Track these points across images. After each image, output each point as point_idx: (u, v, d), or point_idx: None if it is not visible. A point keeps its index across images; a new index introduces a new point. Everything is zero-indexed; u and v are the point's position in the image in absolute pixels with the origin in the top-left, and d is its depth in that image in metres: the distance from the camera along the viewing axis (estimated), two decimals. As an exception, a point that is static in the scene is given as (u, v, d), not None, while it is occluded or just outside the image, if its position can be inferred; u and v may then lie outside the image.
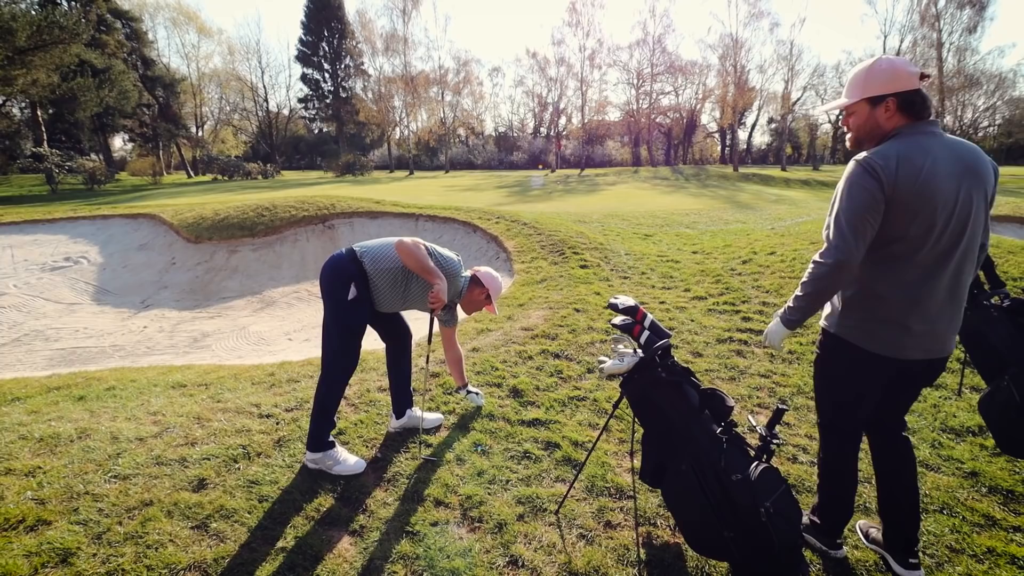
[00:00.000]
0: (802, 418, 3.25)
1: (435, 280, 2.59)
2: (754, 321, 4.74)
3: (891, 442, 2.08)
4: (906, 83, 1.74)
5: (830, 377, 2.06)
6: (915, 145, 1.71)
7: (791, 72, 38.75)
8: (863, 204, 1.69)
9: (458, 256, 2.90)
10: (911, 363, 1.86)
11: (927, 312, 1.79)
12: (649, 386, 2.16)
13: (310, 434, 2.69)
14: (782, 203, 15.35)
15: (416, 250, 2.59)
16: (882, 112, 1.80)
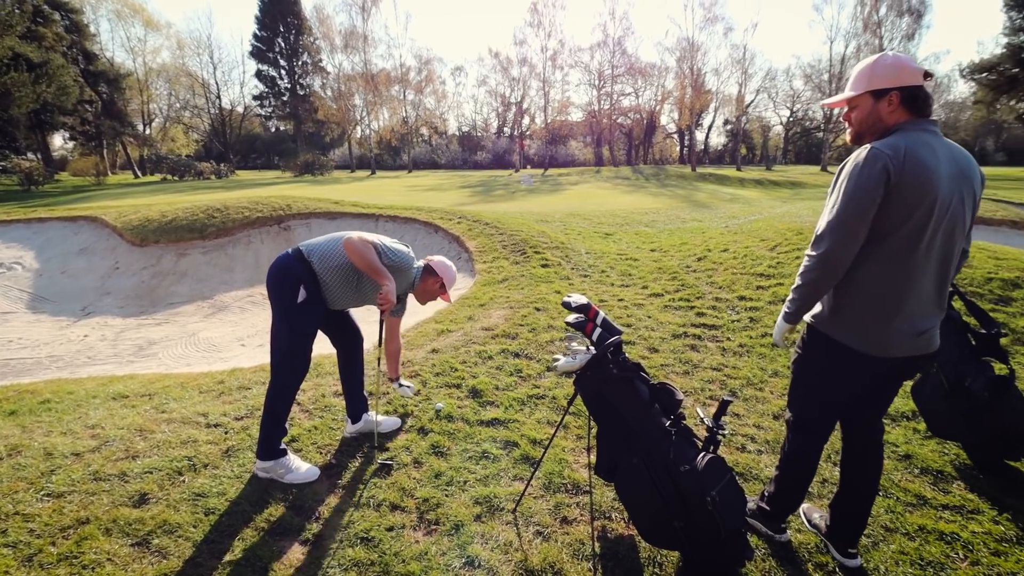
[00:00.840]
0: (751, 408, 3.37)
1: (383, 281, 2.54)
2: (707, 316, 4.88)
3: (866, 447, 2.08)
4: (910, 78, 1.75)
5: (812, 374, 2.04)
6: (920, 141, 1.71)
7: (744, 75, 40.08)
8: (862, 198, 1.68)
9: (408, 247, 2.84)
10: (896, 360, 1.85)
11: (913, 311, 1.79)
12: (601, 382, 2.19)
13: (260, 442, 2.61)
14: (736, 202, 15.86)
15: (364, 249, 2.53)
16: (885, 106, 1.80)
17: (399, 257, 2.71)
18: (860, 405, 2.05)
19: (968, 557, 2.13)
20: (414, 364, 3.90)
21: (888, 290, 1.78)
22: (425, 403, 3.38)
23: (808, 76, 46.35)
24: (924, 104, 1.77)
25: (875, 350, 1.82)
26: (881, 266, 1.77)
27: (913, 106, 1.77)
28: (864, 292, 1.81)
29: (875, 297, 1.79)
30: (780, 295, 5.12)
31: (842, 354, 1.88)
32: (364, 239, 2.59)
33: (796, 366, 2.10)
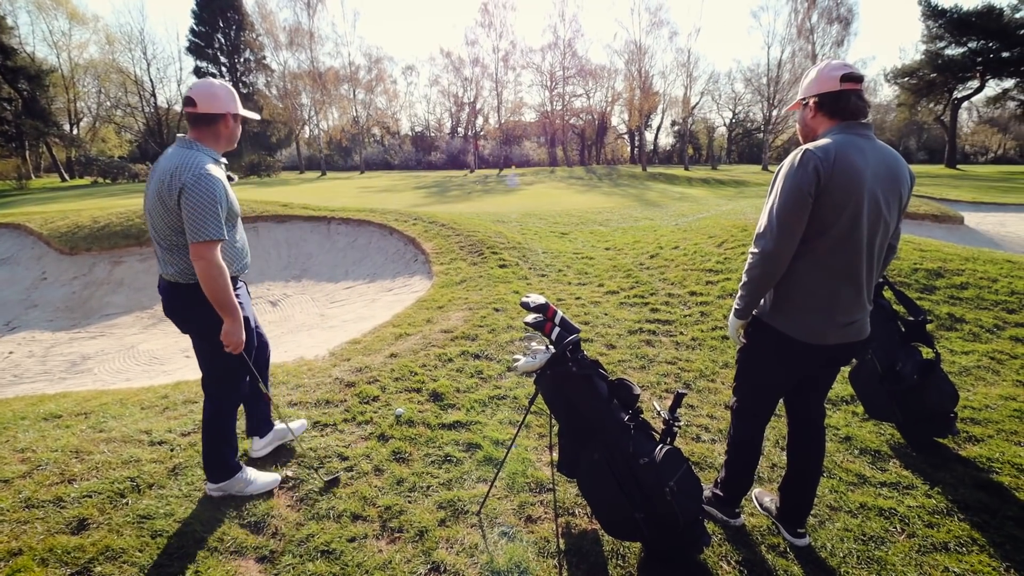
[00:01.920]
0: (704, 399, 3.49)
1: (229, 320, 2.19)
2: (661, 312, 5.02)
3: (810, 431, 2.19)
4: (826, 84, 1.86)
5: (755, 362, 2.14)
6: (850, 143, 1.79)
7: (689, 78, 41.52)
8: (797, 198, 1.77)
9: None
10: (832, 347, 1.96)
11: (846, 302, 1.89)
12: (561, 380, 2.22)
13: (211, 465, 2.45)
14: (685, 200, 16.41)
15: (222, 279, 2.12)
16: (807, 113, 1.93)
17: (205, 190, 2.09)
18: (802, 391, 2.17)
19: (905, 530, 2.29)
20: (372, 369, 3.83)
21: (822, 284, 1.89)
22: (385, 409, 3.32)
23: (748, 80, 48.47)
24: (847, 108, 1.85)
25: (812, 339, 1.94)
26: (816, 261, 1.87)
27: (835, 110, 1.87)
28: (801, 286, 1.91)
29: (811, 290, 1.90)
30: (728, 289, 5.33)
31: (784, 343, 1.98)
32: (222, 267, 2.13)
33: (741, 355, 2.20)
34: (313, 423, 3.16)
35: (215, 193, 2.09)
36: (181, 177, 2.06)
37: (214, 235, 2.08)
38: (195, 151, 2.18)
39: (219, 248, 2.12)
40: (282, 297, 7.11)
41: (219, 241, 2.11)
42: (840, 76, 1.84)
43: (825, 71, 1.87)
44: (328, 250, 8.30)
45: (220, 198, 2.12)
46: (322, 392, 3.51)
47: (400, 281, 6.88)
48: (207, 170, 2.11)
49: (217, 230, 2.09)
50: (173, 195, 2.08)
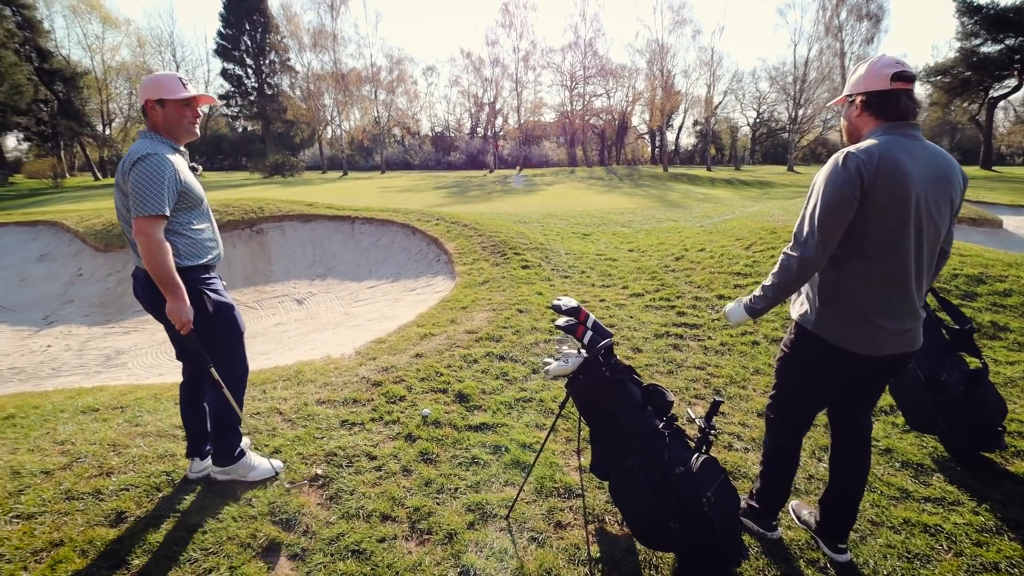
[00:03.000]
0: (735, 407, 3.42)
1: (171, 298, 2.15)
2: (688, 315, 4.94)
3: (855, 444, 2.11)
4: (874, 82, 1.77)
5: (798, 372, 2.05)
6: (896, 145, 1.71)
7: (713, 77, 40.98)
8: (839, 202, 1.70)
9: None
10: (883, 358, 1.87)
11: (896, 310, 1.81)
12: (594, 385, 2.19)
13: (217, 449, 2.56)
14: (709, 201, 16.18)
15: (160, 256, 2.10)
16: (853, 110, 1.85)
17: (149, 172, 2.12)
18: (848, 403, 2.09)
19: (952, 548, 2.21)
20: (398, 369, 3.84)
21: (870, 291, 1.81)
22: (411, 409, 3.33)
23: (773, 78, 47.64)
24: (896, 108, 1.77)
25: (862, 348, 1.86)
26: (863, 267, 1.80)
27: (882, 110, 1.79)
28: (848, 293, 1.84)
29: (859, 298, 1.83)
30: (757, 293, 5.22)
31: (830, 353, 1.91)
32: (161, 243, 2.11)
33: (782, 364, 2.13)
34: (341, 421, 3.18)
35: (159, 171, 2.13)
36: (129, 160, 2.16)
37: (153, 210, 2.09)
38: (146, 139, 2.27)
39: (160, 225, 2.13)
40: (308, 295, 7.20)
41: (159, 217, 2.12)
42: (891, 75, 1.75)
43: (875, 68, 1.79)
44: (352, 249, 8.38)
45: (165, 177, 2.14)
46: (349, 391, 3.53)
47: (423, 281, 6.91)
48: (152, 150, 2.16)
49: (156, 206, 2.10)
50: (125, 178, 2.15)
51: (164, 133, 2.32)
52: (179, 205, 2.28)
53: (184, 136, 2.39)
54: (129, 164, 2.15)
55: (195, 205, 2.37)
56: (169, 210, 2.18)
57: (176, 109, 2.30)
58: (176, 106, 2.30)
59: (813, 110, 43.11)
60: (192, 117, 2.38)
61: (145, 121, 2.34)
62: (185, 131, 2.37)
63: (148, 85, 2.30)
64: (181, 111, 2.32)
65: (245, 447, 2.66)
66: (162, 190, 2.13)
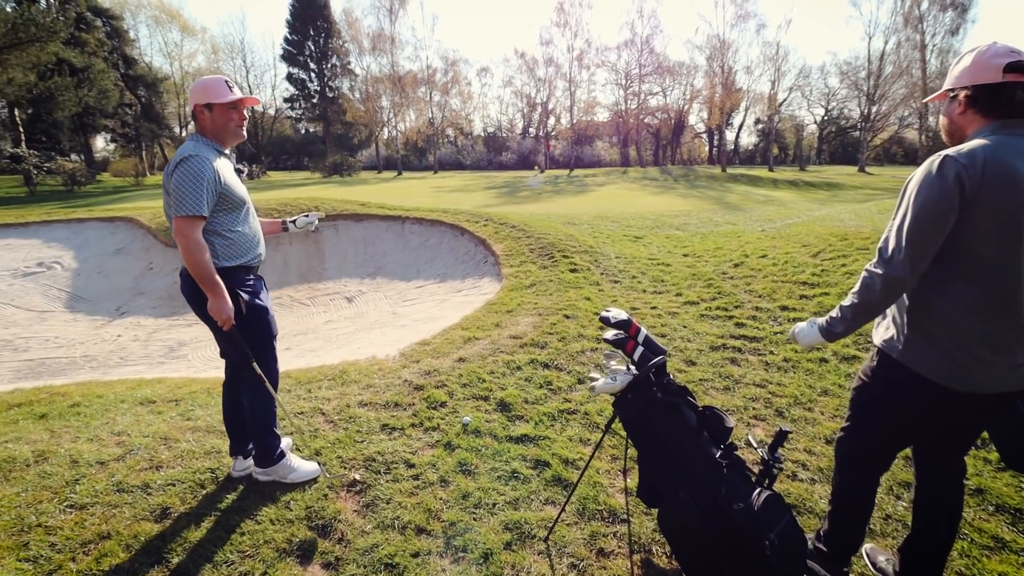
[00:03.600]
0: (801, 431, 3.14)
1: (212, 295, 2.21)
2: (747, 327, 4.63)
3: (945, 488, 1.84)
4: (982, 74, 1.52)
5: (879, 406, 1.80)
6: (1007, 147, 1.47)
7: (778, 73, 39.05)
8: (934, 214, 1.48)
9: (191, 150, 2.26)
10: (986, 396, 1.60)
11: (1006, 341, 1.54)
12: (644, 406, 2.02)
13: (258, 450, 2.57)
14: (771, 204, 15.37)
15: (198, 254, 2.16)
16: (955, 107, 1.60)
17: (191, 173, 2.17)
18: (939, 443, 1.83)
19: (1064, 615, 1.89)
20: (440, 373, 3.79)
21: (973, 317, 1.55)
22: (452, 416, 3.25)
23: (844, 73, 44.84)
24: (1009, 104, 1.51)
25: (962, 385, 1.59)
26: (965, 289, 1.55)
27: (992, 106, 1.53)
28: (948, 318, 1.59)
29: (959, 325, 1.57)
30: (826, 305, 4.83)
31: (922, 388, 1.65)
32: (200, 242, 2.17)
33: (859, 395, 1.87)
34: (382, 425, 3.14)
35: (199, 172, 2.16)
36: (173, 162, 2.20)
37: (190, 211, 2.14)
38: (192, 141, 2.31)
39: (198, 225, 2.17)
40: (358, 294, 7.33)
41: (197, 218, 2.16)
42: (1004, 65, 1.48)
43: (984, 58, 1.52)
44: (402, 249, 8.48)
45: (204, 178, 2.17)
46: (391, 394, 3.50)
47: (470, 282, 6.87)
48: (195, 151, 2.20)
49: (195, 206, 2.14)
50: (169, 179, 2.20)
51: (211, 136, 2.35)
52: (219, 206, 2.31)
53: (231, 139, 2.41)
54: (172, 166, 2.20)
55: (236, 207, 2.39)
56: (207, 211, 2.21)
57: (223, 112, 2.33)
58: (222, 110, 2.32)
59: (888, 107, 40.31)
60: (238, 120, 2.39)
61: (195, 125, 2.38)
62: (232, 134, 2.39)
63: (196, 90, 2.34)
64: (228, 114, 2.34)
65: (286, 448, 2.66)
66: (201, 191, 2.16)
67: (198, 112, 2.33)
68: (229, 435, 2.65)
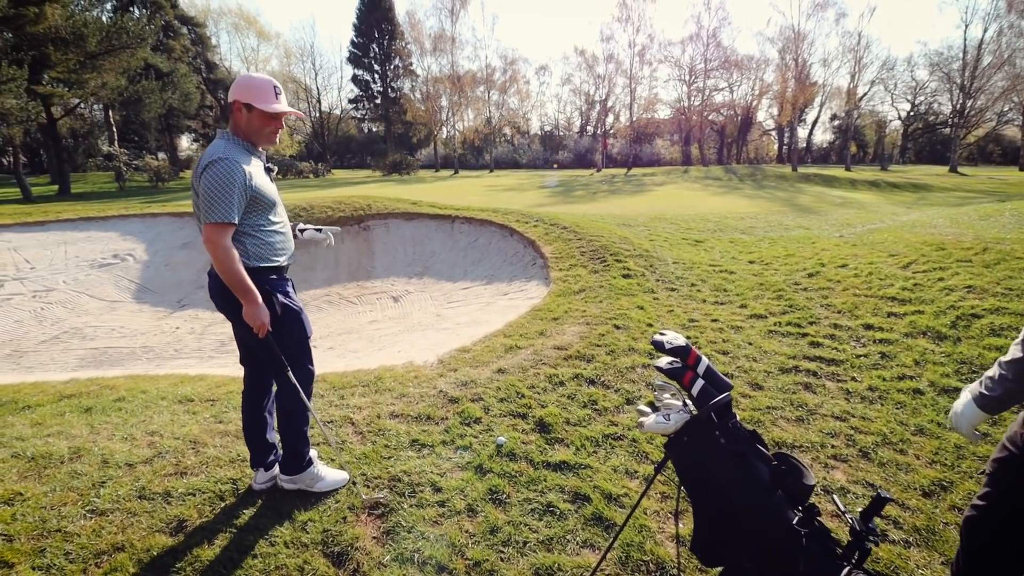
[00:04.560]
0: (890, 477, 2.67)
1: (246, 302, 2.13)
2: (824, 347, 4.11)
3: None
4: None
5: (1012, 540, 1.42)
6: None
7: (858, 66, 36.23)
8: None
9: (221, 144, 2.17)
10: None
11: None
12: (703, 453, 1.69)
13: (285, 456, 2.46)
14: (849, 206, 14.16)
15: (229, 262, 2.06)
16: None
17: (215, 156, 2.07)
18: None
19: None
20: (477, 385, 3.56)
21: None
22: (486, 435, 3.01)
23: (935, 65, 41.05)
24: None
25: None
26: None
27: None
28: None
29: None
30: (919, 325, 4.22)
31: None
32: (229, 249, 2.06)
33: (1003, 470, 1.45)
34: (411, 441, 2.95)
35: (229, 177, 2.04)
36: (202, 162, 2.09)
37: (221, 218, 2.04)
38: (222, 140, 2.18)
39: (228, 232, 2.08)
40: (404, 293, 7.26)
41: (227, 224, 2.06)
42: None
43: None
44: (450, 249, 8.36)
45: (235, 183, 2.05)
46: (424, 406, 3.31)
47: (516, 285, 6.63)
48: (225, 154, 2.07)
49: (225, 213, 2.04)
50: (198, 180, 2.10)
51: (243, 136, 2.23)
52: (250, 207, 2.20)
53: (263, 143, 2.29)
54: (202, 167, 2.09)
55: (267, 208, 2.27)
56: (238, 217, 2.11)
57: (261, 117, 2.20)
58: (263, 115, 2.20)
59: (985, 101, 36.55)
60: (275, 128, 2.27)
61: (229, 120, 2.27)
62: (266, 139, 2.27)
63: (241, 85, 2.19)
64: (266, 121, 2.22)
65: (313, 456, 2.54)
66: (231, 197, 2.06)
67: (236, 108, 2.19)
68: (249, 447, 2.53)
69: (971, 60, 34.56)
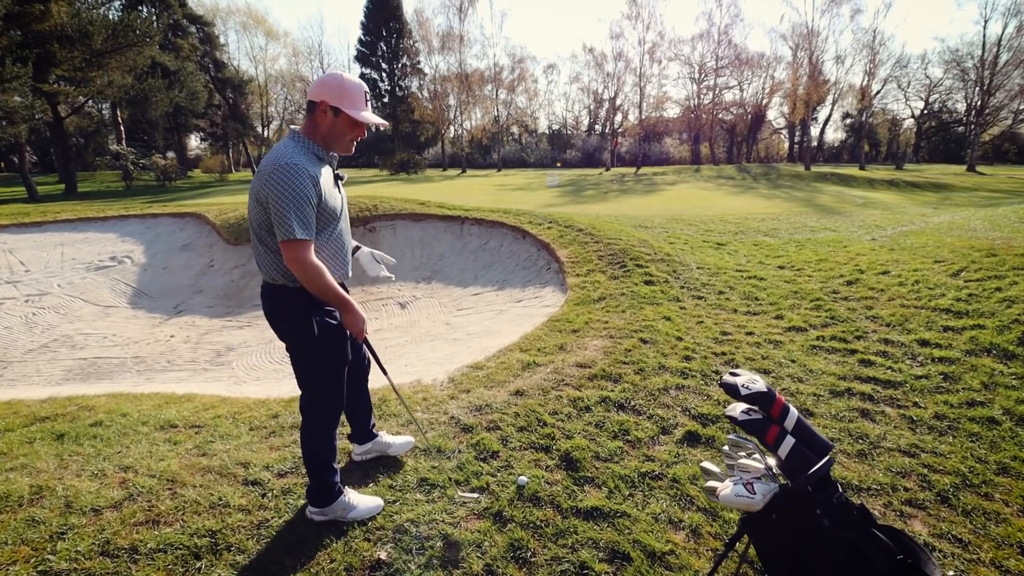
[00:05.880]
0: (977, 528, 2.26)
1: (343, 311, 2.06)
2: (877, 366, 3.69)
3: None
4: None
5: None
6: None
7: (873, 63, 35.45)
8: None
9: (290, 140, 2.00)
10: None
11: None
12: (799, 539, 1.30)
13: (311, 487, 2.26)
14: (872, 207, 13.64)
15: (320, 279, 1.94)
16: None
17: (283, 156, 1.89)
18: None
19: None
20: (493, 410, 3.18)
21: None
22: (504, 472, 2.63)
23: (951, 62, 40.19)
24: None
25: None
26: None
27: None
28: None
29: None
30: (981, 341, 3.79)
31: None
32: (318, 265, 1.94)
33: None
34: (420, 480, 2.58)
35: (299, 190, 1.84)
36: (268, 166, 1.88)
37: (301, 235, 1.86)
38: (293, 141, 1.98)
39: (310, 247, 1.91)
40: (411, 299, 6.89)
41: (308, 241, 1.90)
42: None
43: None
44: (459, 251, 7.99)
45: (307, 196, 1.87)
46: (434, 435, 2.94)
47: (530, 291, 6.24)
48: (293, 159, 1.87)
49: (304, 230, 1.87)
50: (262, 185, 1.88)
51: (319, 140, 2.02)
52: None
53: (340, 151, 2.10)
54: (267, 171, 1.87)
55: (327, 220, 2.06)
56: (315, 230, 1.94)
57: (348, 124, 2.01)
58: (349, 121, 2.00)
59: (1003, 99, 35.72)
60: (357, 136, 2.07)
61: (306, 118, 2.03)
62: (344, 148, 2.08)
63: (331, 86, 1.96)
64: (352, 128, 2.03)
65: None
66: (305, 212, 1.88)
67: (321, 109, 1.97)
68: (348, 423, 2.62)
69: (990, 57, 33.73)
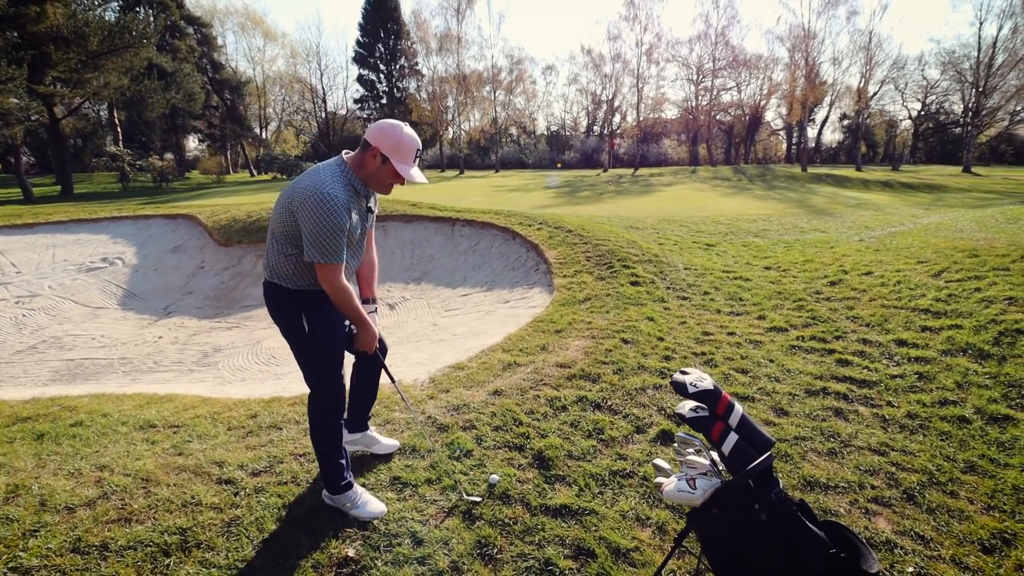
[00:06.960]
0: (941, 527, 2.29)
1: (360, 328, 2.32)
2: (854, 366, 3.73)
3: None
4: None
5: None
6: None
7: (869, 65, 35.53)
8: None
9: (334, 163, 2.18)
10: None
11: None
12: (738, 531, 1.33)
13: (323, 475, 2.40)
14: (864, 208, 13.69)
15: (348, 301, 2.18)
16: None
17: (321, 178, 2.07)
18: None
19: None
20: (471, 409, 3.21)
21: None
22: (477, 471, 2.66)
23: (947, 64, 40.32)
24: None
25: None
26: None
27: None
28: None
29: None
30: (959, 342, 3.83)
31: None
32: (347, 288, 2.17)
33: None
34: (392, 479, 2.61)
35: (336, 219, 2.02)
36: (308, 187, 2.04)
37: (334, 259, 2.08)
38: (338, 169, 2.14)
39: (340, 270, 2.12)
40: (400, 300, 6.92)
41: (339, 265, 2.11)
42: None
43: None
44: (450, 253, 8.02)
45: (342, 225, 2.05)
46: (410, 435, 2.97)
47: (518, 292, 6.27)
48: (333, 191, 2.03)
49: (336, 255, 2.09)
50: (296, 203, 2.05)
51: (363, 177, 2.18)
52: None
53: (377, 191, 2.29)
54: (308, 194, 2.02)
55: (353, 247, 2.26)
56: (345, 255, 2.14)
57: (391, 173, 2.17)
58: (394, 172, 2.16)
59: (998, 100, 35.83)
60: (396, 183, 2.24)
61: (358, 151, 2.19)
62: (382, 190, 2.26)
63: (389, 136, 2.12)
64: (393, 177, 2.19)
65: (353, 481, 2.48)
66: (340, 240, 2.07)
67: (372, 153, 2.14)
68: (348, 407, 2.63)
69: (985, 59, 33.84)
